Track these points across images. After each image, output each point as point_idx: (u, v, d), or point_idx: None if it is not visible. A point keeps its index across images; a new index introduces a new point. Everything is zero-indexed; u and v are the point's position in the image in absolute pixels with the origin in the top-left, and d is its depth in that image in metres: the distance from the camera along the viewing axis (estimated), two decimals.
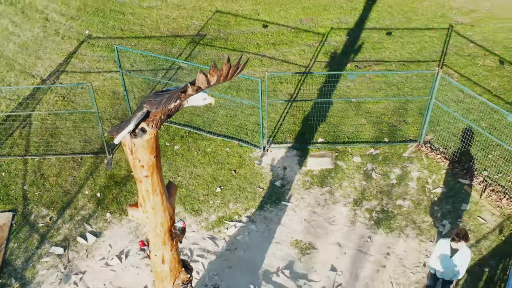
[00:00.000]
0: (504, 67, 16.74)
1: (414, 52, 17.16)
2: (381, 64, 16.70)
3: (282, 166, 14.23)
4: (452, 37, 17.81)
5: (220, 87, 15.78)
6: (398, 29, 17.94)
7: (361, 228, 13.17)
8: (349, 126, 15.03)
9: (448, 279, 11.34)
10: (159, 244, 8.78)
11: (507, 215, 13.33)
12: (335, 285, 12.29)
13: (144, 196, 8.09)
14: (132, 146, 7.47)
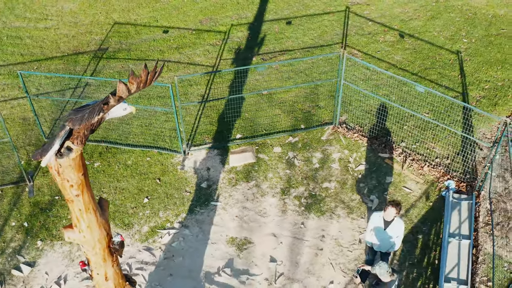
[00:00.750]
0: (404, 40, 17.28)
1: (316, 37, 17.42)
2: (286, 53, 16.86)
3: (205, 167, 14.15)
4: (350, 18, 18.20)
5: (131, 97, 15.53)
6: (297, 17, 18.16)
7: (293, 216, 13.28)
8: (264, 118, 15.10)
9: (385, 251, 11.64)
10: (100, 262, 8.55)
11: (431, 181, 13.78)
12: (277, 275, 12.35)
13: (77, 216, 7.85)
14: (59, 167, 7.22)
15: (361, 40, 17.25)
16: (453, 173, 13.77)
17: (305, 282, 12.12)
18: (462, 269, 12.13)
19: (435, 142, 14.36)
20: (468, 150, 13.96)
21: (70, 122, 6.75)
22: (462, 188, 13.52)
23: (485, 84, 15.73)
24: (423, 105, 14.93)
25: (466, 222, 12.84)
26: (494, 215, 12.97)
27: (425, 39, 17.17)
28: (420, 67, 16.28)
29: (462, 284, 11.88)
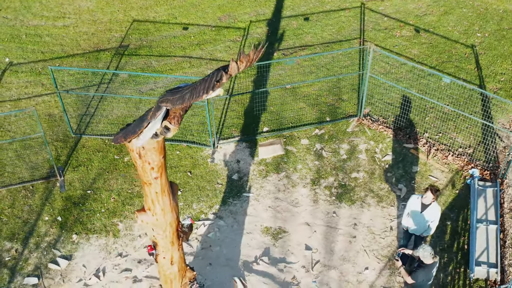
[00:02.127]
0: (420, 35, 17.76)
1: (334, 33, 17.84)
2: (306, 48, 17.25)
3: (235, 160, 14.46)
4: (366, 13, 18.64)
5: (155, 92, 15.78)
6: (314, 13, 18.55)
7: (324, 205, 13.66)
8: (290, 111, 15.46)
9: (419, 234, 12.07)
10: (168, 245, 8.84)
11: (455, 170, 14.24)
12: (314, 262, 12.72)
13: (153, 198, 8.13)
14: (141, 150, 7.49)
15: (379, 35, 17.68)
16: (477, 161, 14.26)
17: (341, 268, 12.50)
18: (491, 253, 12.60)
19: (457, 132, 14.83)
20: (490, 139, 14.49)
21: (169, 102, 6.99)
22: (486, 176, 14.01)
23: (501, 77, 16.26)
24: (442, 97, 15.39)
25: (492, 208, 13.31)
26: None
27: (440, 34, 17.67)
28: (437, 61, 16.75)
29: (492, 267, 12.36)
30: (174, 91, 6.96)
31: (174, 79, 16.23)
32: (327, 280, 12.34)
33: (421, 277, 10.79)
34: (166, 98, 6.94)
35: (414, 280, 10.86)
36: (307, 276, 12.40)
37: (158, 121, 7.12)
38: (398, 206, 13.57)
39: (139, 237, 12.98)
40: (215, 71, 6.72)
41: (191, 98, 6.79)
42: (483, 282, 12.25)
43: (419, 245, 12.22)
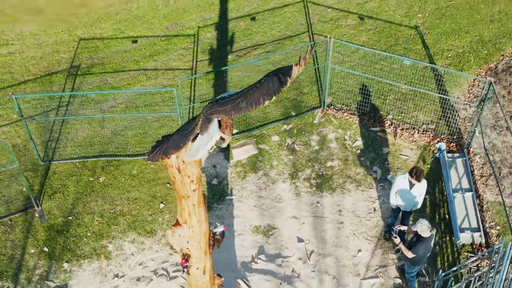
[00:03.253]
0: (365, 22, 18.37)
1: (283, 29, 18.18)
2: (258, 48, 17.52)
3: (211, 166, 14.59)
4: (310, 7, 19.08)
5: (117, 109, 15.71)
6: (259, 12, 18.84)
7: (307, 197, 14.02)
8: (256, 111, 15.69)
9: (409, 210, 12.61)
10: (202, 255, 8.93)
11: (423, 146, 14.90)
12: (309, 253, 13.06)
13: (190, 211, 8.21)
14: (181, 164, 7.56)
15: (326, 27, 18.17)
16: (441, 135, 14.98)
17: (336, 254, 12.91)
18: (471, 218, 13.32)
19: (418, 110, 15.50)
20: (449, 112, 15.26)
21: (221, 113, 7.03)
22: (453, 148, 14.74)
23: (448, 53, 17.07)
24: (398, 79, 16.01)
25: (465, 177, 14.05)
26: (485, 167, 14.28)
27: (383, 19, 18.34)
28: (386, 45, 17.41)
29: (476, 232, 13.09)
30: (222, 102, 7.05)
31: (134, 94, 16.22)
32: (324, 267, 12.72)
33: (421, 250, 11.31)
34: (216, 109, 7.01)
35: (415, 254, 11.37)
36: (305, 267, 12.74)
37: (216, 133, 7.21)
38: (377, 187, 14.10)
39: (132, 255, 12.93)
40: (268, 78, 6.83)
41: (248, 107, 6.90)
42: (469, 246, 12.95)
43: (407, 220, 12.86)
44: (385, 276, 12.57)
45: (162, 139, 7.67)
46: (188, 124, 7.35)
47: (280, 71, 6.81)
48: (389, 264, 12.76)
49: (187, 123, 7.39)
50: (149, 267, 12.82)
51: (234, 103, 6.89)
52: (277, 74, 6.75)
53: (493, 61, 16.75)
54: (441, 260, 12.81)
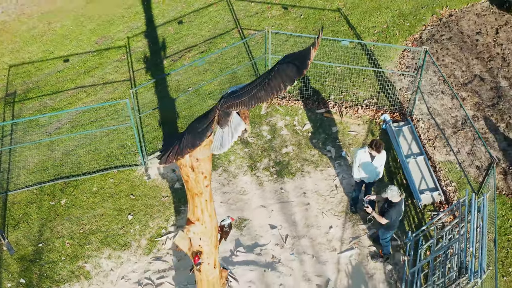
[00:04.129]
0: (289, 11, 18.92)
1: (211, 28, 18.46)
2: (191, 50, 17.73)
3: (170, 170, 14.71)
4: (233, 4, 19.48)
5: (63, 130, 15.54)
6: (185, 15, 19.04)
7: (270, 185, 14.41)
8: (202, 110, 15.85)
9: (372, 181, 13.24)
10: (213, 250, 9.16)
11: (368, 120, 15.60)
12: (284, 237, 13.45)
13: (203, 207, 8.41)
14: (194, 162, 7.72)
15: (252, 20, 18.60)
16: (384, 107, 15.74)
17: (309, 235, 13.38)
18: (428, 179, 14.11)
19: (357, 87, 16.18)
20: (386, 84, 16.08)
21: (239, 105, 7.21)
22: (397, 117, 15.51)
23: (373, 30, 17.87)
24: (332, 60, 16.64)
25: (413, 142, 14.84)
26: (430, 131, 15.12)
27: (306, 6, 18.95)
28: (314, 30, 18.00)
29: (434, 191, 13.87)
30: (237, 95, 7.26)
31: (78, 112, 16.07)
32: (302, 248, 13.16)
33: (394, 214, 11.94)
34: (234, 103, 7.21)
35: (389, 220, 11.99)
36: (283, 251, 13.13)
37: (240, 124, 7.39)
38: (334, 165, 14.67)
39: (111, 270, 12.90)
40: (282, 66, 7.04)
41: (269, 95, 7.08)
42: (431, 206, 13.74)
43: (370, 191, 13.49)
44: (360, 246, 13.16)
45: (169, 141, 7.83)
46: (198, 122, 7.53)
47: (292, 56, 7.10)
48: (361, 234, 13.35)
49: (196, 122, 7.58)
50: (132, 279, 12.84)
51: (251, 94, 7.12)
52: (291, 60, 7.04)
53: (417, 31, 17.72)
54: (408, 223, 13.53)
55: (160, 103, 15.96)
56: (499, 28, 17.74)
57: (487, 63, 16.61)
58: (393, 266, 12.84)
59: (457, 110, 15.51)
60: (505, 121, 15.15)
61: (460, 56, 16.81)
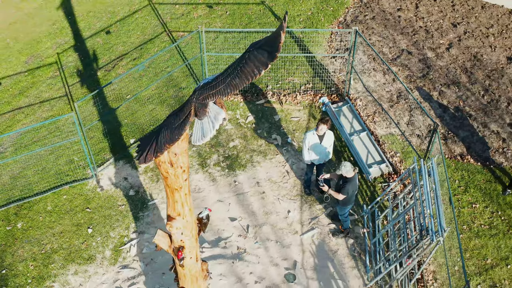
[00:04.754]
0: (214, 9, 19.21)
1: (140, 35, 18.51)
2: (123, 58, 17.73)
3: (122, 179, 14.76)
4: (157, 8, 19.59)
5: (6, 154, 15.31)
6: (111, 25, 18.98)
7: (223, 180, 14.70)
8: (144, 116, 15.99)
9: (322, 162, 13.71)
10: (194, 243, 9.33)
11: (308, 105, 16.09)
12: (245, 228, 13.76)
13: (183, 201, 8.57)
14: (173, 157, 7.87)
15: (179, 22, 18.76)
16: (321, 91, 16.28)
17: (269, 221, 13.77)
18: (373, 153, 14.74)
19: (291, 75, 16.63)
20: (321, 69, 16.65)
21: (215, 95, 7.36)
22: (335, 99, 16.06)
23: (299, 18, 18.37)
24: None
25: (354, 120, 15.45)
26: (368, 107, 15.75)
27: (231, 2, 19.27)
28: (242, 25, 18.34)
29: (381, 163, 14.51)
30: (211, 86, 7.42)
31: (19, 134, 15.86)
32: (264, 236, 13.53)
33: (350, 189, 12.46)
34: (209, 93, 7.38)
35: (345, 195, 12.50)
36: (247, 241, 13.46)
37: (219, 113, 7.56)
38: (282, 152, 15.10)
39: (80, 286, 12.86)
40: (252, 53, 7.23)
41: (243, 81, 7.24)
42: (381, 178, 14.36)
43: (321, 172, 13.95)
44: (319, 226, 13.64)
45: (145, 141, 7.97)
46: (173, 118, 7.68)
47: (262, 42, 7.34)
48: (319, 214, 13.83)
49: (172, 117, 7.73)
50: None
51: (226, 82, 7.33)
52: (262, 46, 7.27)
53: (340, 15, 18.34)
54: (362, 197, 14.11)
55: (101, 115, 15.95)
56: (418, 3, 18.63)
57: (412, 37, 17.44)
58: (354, 240, 13.43)
59: (390, 85, 16.24)
60: (437, 90, 16.00)
61: (385, 33, 17.57)
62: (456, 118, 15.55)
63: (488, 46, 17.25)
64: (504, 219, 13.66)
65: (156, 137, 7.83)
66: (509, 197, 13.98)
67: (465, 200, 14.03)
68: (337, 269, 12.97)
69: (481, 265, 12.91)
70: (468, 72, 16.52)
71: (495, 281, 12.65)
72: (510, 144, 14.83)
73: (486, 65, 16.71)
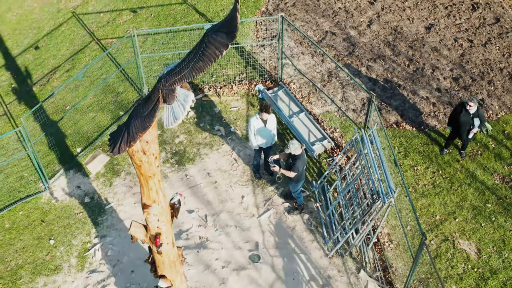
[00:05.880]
0: (139, 13, 19.48)
1: (70, 46, 18.60)
2: (56, 71, 17.82)
3: (75, 188, 14.96)
4: (83, 18, 19.73)
5: None
6: (39, 40, 19.04)
7: (174, 175, 15.17)
8: (87, 125, 16.20)
9: (269, 145, 14.35)
10: (169, 229, 9.74)
11: (245, 94, 16.72)
12: (204, 218, 14.25)
13: (157, 188, 8.97)
14: (145, 145, 8.24)
15: (107, 30, 19.00)
16: (255, 79, 16.96)
17: (226, 209, 14.35)
18: (314, 132, 15.53)
19: (225, 68, 17.19)
20: (251, 58, 17.30)
21: (182, 80, 7.74)
22: (270, 85, 16.73)
23: (223, 13, 18.94)
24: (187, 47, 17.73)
25: (291, 102, 16.17)
26: (302, 89, 16.50)
27: (153, 5, 19.63)
28: (168, 25, 18.72)
29: (323, 140, 15.30)
30: (175, 72, 7.78)
31: None
32: (223, 223, 14.12)
33: (300, 165, 13.15)
34: (175, 79, 7.74)
35: (296, 172, 13.17)
36: (208, 230, 14.00)
37: (188, 95, 7.96)
38: (227, 142, 15.69)
39: None
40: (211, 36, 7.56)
41: (207, 63, 7.65)
42: (325, 154, 15.15)
43: (269, 154, 14.58)
44: (274, 206, 14.31)
45: (116, 133, 8.30)
46: (142, 107, 8.04)
47: (219, 25, 7.80)
48: (272, 195, 14.50)
49: (140, 107, 8.08)
50: None
51: (190, 66, 7.76)
52: (219, 29, 7.72)
53: (262, 5, 19.06)
54: (310, 174, 14.87)
55: (44, 128, 16.05)
56: None
57: (333, 19, 18.36)
58: (309, 215, 14.18)
59: (320, 66, 17.09)
60: (365, 65, 16.97)
61: (308, 18, 18.40)
62: (387, 89, 16.58)
63: (406, 19, 18.41)
64: (445, 177, 14.76)
65: (126, 128, 8.20)
66: (447, 156, 15.11)
67: (406, 164, 15.04)
68: (297, 244, 13.72)
69: (431, 222, 13.94)
70: (391, 45, 17.60)
71: (446, 235, 13.70)
72: (440, 107, 15.95)
73: (407, 36, 17.85)
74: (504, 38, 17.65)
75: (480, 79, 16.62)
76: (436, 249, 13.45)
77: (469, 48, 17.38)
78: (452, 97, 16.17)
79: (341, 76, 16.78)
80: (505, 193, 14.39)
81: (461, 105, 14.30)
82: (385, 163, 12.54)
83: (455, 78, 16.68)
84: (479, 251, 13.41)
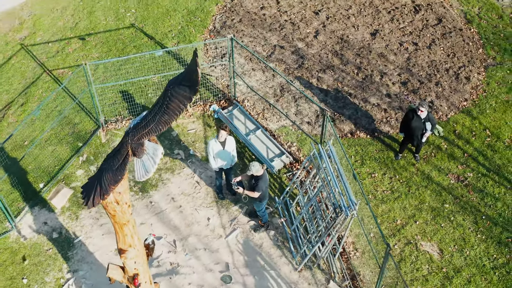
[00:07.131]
0: (87, 41, 19.55)
1: (22, 79, 18.50)
2: (11, 106, 17.73)
3: (42, 224, 15.05)
4: (32, 50, 19.68)
5: None
6: None
7: (139, 203, 15.44)
8: (47, 159, 16.28)
9: (230, 166, 14.72)
10: (146, 268, 10.09)
11: (200, 115, 17.04)
12: (173, 242, 14.54)
13: (132, 233, 9.30)
14: (117, 196, 8.54)
15: (57, 60, 19.03)
16: (209, 100, 17.29)
17: (194, 232, 14.69)
18: (272, 148, 15.99)
19: None
20: (203, 79, 17.62)
21: (150, 133, 8.06)
22: (224, 104, 17.07)
23: (171, 34, 19.17)
24: (147, 73, 17.90)
25: (247, 120, 16.59)
26: (256, 106, 16.88)
27: (101, 31, 19.73)
28: (118, 51, 18.93)
29: (281, 155, 15.75)
30: (142, 126, 8.09)
31: None
32: (192, 246, 14.45)
33: (263, 185, 13.57)
34: (142, 133, 8.07)
35: (260, 192, 13.58)
36: (178, 255, 14.32)
37: (157, 148, 8.26)
38: (187, 165, 15.99)
39: None
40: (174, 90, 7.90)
41: (172, 117, 8.03)
42: (284, 169, 15.60)
43: (230, 176, 14.95)
44: (240, 225, 14.71)
45: (88, 186, 8.55)
46: (112, 160, 8.33)
47: (180, 78, 8.10)
48: (237, 215, 14.90)
49: (110, 160, 8.37)
50: None
51: (156, 120, 8.07)
52: (181, 83, 8.03)
53: (209, 23, 19.39)
54: (272, 190, 15.30)
55: (5, 168, 16.08)
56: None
57: (280, 32, 18.83)
58: (275, 231, 14.62)
59: (271, 81, 17.53)
60: (315, 77, 17.49)
61: (255, 33, 18.81)
62: (339, 99, 17.12)
63: (352, 27, 19.02)
64: (402, 181, 15.40)
65: (98, 181, 8.48)
66: (402, 161, 15.77)
67: (364, 172, 15.63)
68: (266, 261, 14.16)
69: (393, 227, 14.56)
70: (339, 55, 18.17)
71: (409, 238, 14.33)
72: (391, 113, 16.59)
73: (353, 44, 18.45)
74: (448, 38, 18.41)
75: (428, 81, 17.35)
76: (400, 253, 14.07)
77: (414, 51, 18.10)
78: (402, 102, 16.84)
79: (293, 90, 17.24)
80: (461, 192, 15.12)
81: (411, 111, 14.93)
82: (344, 176, 13.04)
83: (403, 83, 17.36)
84: (442, 251, 14.09)
